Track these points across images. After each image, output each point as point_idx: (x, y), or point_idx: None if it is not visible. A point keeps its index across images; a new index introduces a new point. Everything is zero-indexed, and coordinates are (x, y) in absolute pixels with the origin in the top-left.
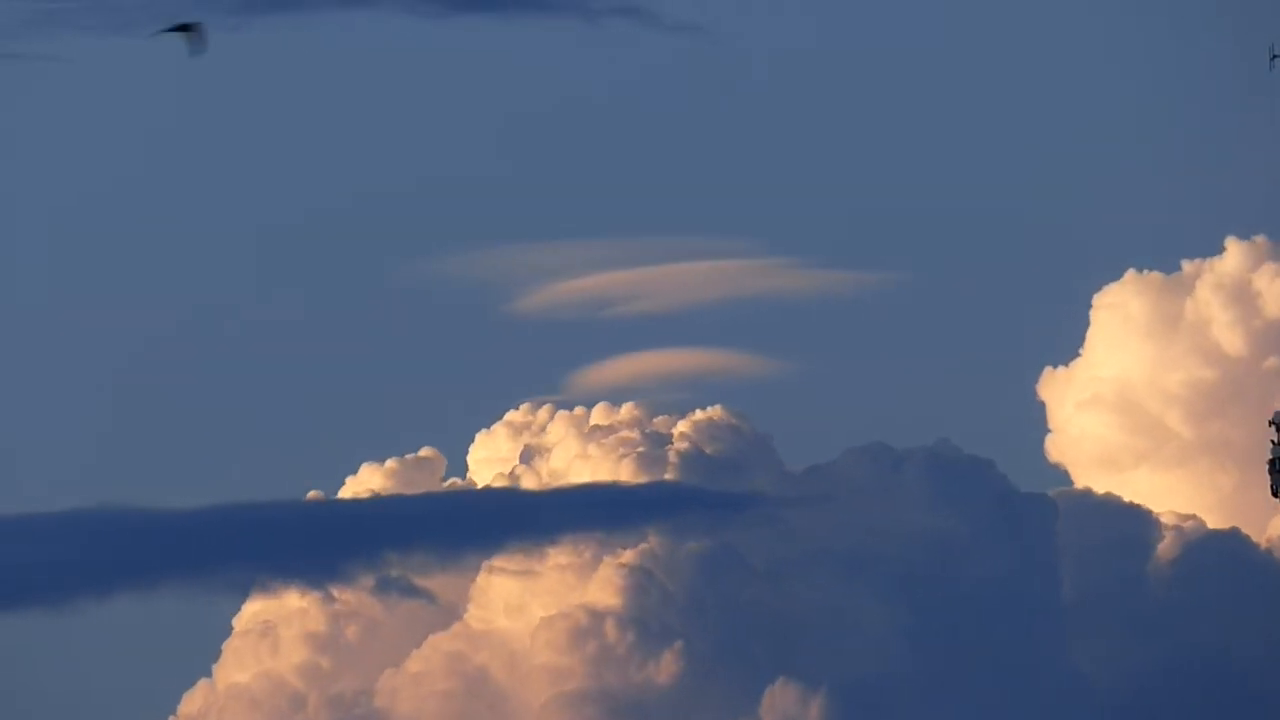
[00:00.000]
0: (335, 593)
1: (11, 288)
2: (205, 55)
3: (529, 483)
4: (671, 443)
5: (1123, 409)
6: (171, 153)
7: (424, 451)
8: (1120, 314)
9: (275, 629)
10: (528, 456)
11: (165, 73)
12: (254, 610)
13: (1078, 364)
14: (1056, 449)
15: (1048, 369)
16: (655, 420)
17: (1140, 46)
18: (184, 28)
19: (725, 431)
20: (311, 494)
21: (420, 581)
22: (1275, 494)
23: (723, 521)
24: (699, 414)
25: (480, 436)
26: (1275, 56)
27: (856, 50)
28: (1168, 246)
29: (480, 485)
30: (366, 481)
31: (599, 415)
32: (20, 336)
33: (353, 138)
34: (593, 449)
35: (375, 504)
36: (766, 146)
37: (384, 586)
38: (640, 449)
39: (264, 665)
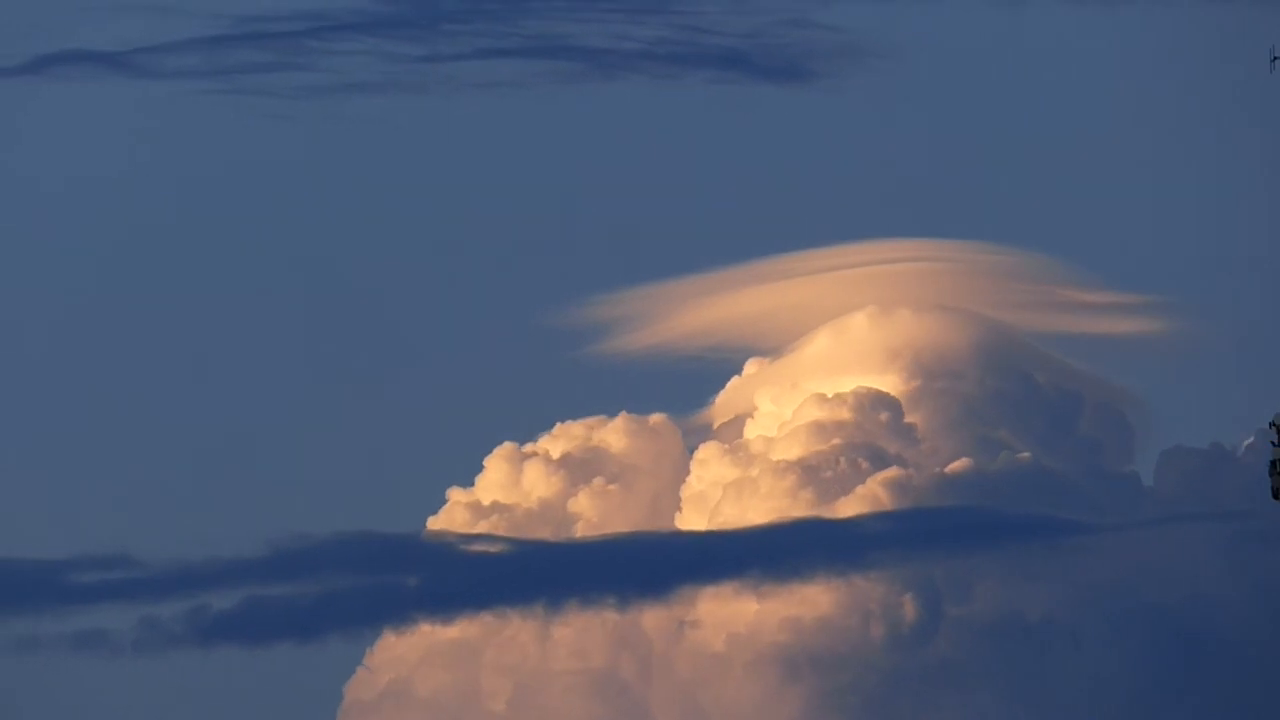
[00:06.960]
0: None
1: (302, 318)
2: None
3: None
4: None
5: None
6: (444, 210)
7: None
8: None
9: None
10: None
11: (453, 133)
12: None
13: None
14: None
15: None
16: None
17: None
18: None
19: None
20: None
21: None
22: (1276, 496)
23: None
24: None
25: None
26: (1276, 59)
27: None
28: None
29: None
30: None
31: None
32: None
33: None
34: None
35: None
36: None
37: (683, 625)
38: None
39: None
